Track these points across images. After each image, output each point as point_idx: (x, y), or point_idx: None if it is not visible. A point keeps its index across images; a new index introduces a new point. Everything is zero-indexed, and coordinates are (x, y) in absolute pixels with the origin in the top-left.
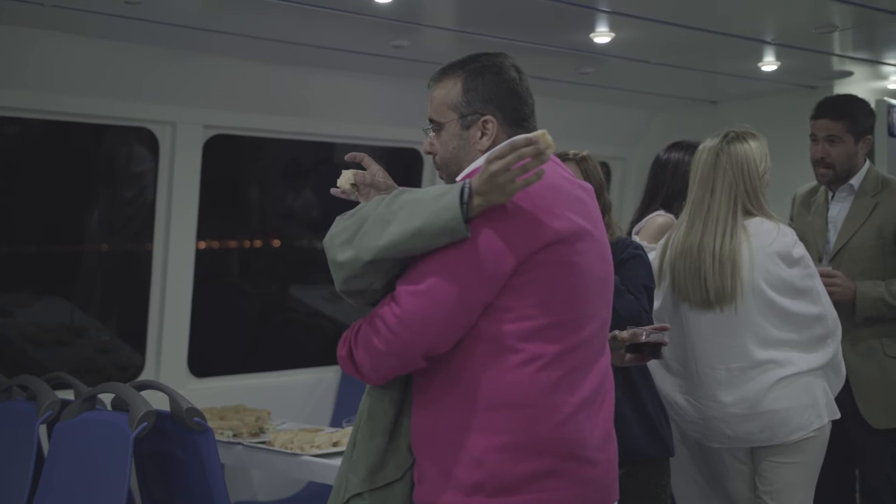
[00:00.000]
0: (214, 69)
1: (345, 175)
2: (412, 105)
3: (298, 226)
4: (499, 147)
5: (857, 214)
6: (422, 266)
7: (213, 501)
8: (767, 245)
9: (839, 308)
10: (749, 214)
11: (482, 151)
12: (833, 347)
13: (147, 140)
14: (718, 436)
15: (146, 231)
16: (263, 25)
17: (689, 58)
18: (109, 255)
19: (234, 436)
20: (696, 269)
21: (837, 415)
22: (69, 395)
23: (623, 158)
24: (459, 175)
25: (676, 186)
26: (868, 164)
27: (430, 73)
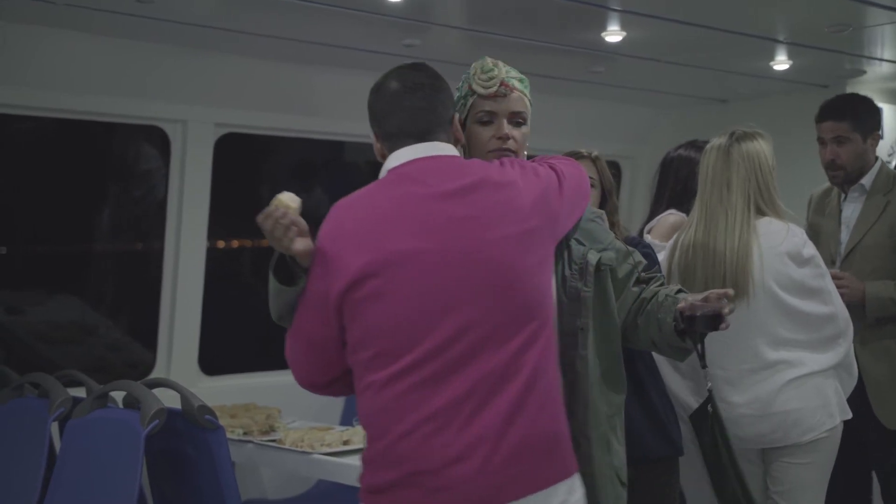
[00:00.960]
0: (226, 67)
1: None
2: None
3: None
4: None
5: (869, 213)
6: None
7: (224, 499)
8: (777, 245)
9: (850, 309)
10: (760, 213)
11: None
12: (845, 347)
13: (157, 138)
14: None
15: (157, 229)
16: (275, 24)
17: (700, 57)
18: (120, 254)
19: (245, 434)
20: (714, 265)
21: (849, 415)
22: (81, 393)
23: (633, 157)
24: None
25: (684, 185)
26: (880, 163)
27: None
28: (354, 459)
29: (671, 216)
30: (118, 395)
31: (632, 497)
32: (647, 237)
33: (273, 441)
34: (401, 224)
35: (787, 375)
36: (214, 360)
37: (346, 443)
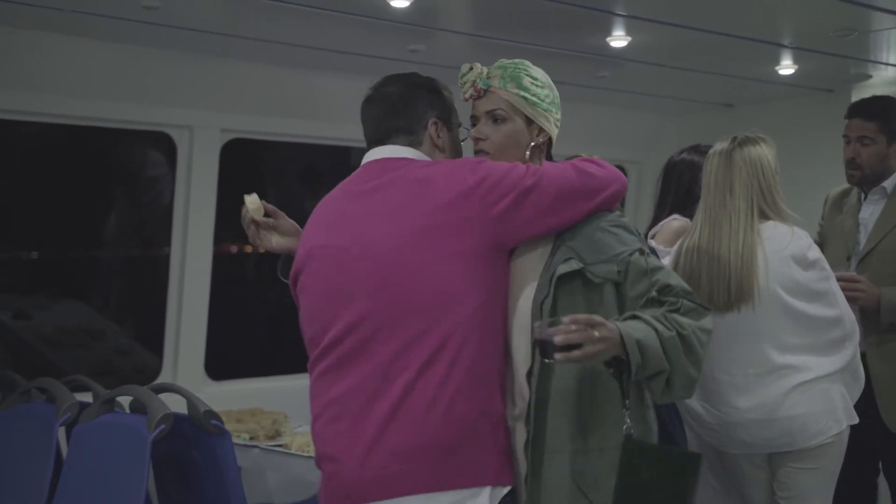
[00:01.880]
0: (232, 73)
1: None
2: None
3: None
4: None
5: (889, 217)
6: None
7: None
8: (782, 249)
9: (864, 313)
10: (764, 217)
11: None
12: (851, 351)
13: (163, 144)
14: (736, 442)
15: (164, 235)
16: (281, 29)
17: (706, 61)
18: (127, 259)
19: (251, 439)
20: (719, 270)
21: (856, 420)
22: (87, 398)
23: (639, 162)
24: None
25: (686, 189)
26: None
27: (447, 78)
28: None
29: (675, 221)
30: (125, 400)
31: None
32: (652, 242)
33: (279, 446)
34: (318, 223)
35: (794, 380)
36: (221, 365)
37: None
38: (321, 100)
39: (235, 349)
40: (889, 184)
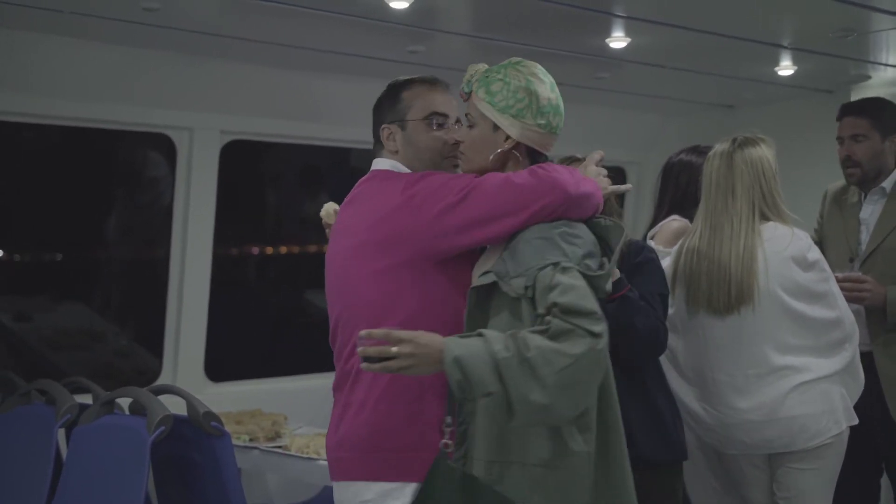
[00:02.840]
0: (231, 75)
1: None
2: None
3: (315, 231)
4: None
5: (891, 216)
6: None
7: None
8: (783, 250)
9: (870, 313)
10: (764, 219)
11: None
12: (850, 352)
13: (163, 146)
14: (736, 443)
15: (163, 236)
16: (280, 31)
17: (705, 62)
18: (127, 261)
19: (251, 440)
20: (719, 274)
21: (855, 421)
22: (87, 400)
23: (639, 163)
24: None
25: (684, 190)
26: None
27: (446, 79)
28: None
29: (674, 222)
30: (125, 402)
31: (636, 500)
32: (651, 243)
33: (279, 447)
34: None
35: (794, 381)
36: (220, 367)
37: None
38: (321, 101)
39: (235, 351)
40: (888, 184)
